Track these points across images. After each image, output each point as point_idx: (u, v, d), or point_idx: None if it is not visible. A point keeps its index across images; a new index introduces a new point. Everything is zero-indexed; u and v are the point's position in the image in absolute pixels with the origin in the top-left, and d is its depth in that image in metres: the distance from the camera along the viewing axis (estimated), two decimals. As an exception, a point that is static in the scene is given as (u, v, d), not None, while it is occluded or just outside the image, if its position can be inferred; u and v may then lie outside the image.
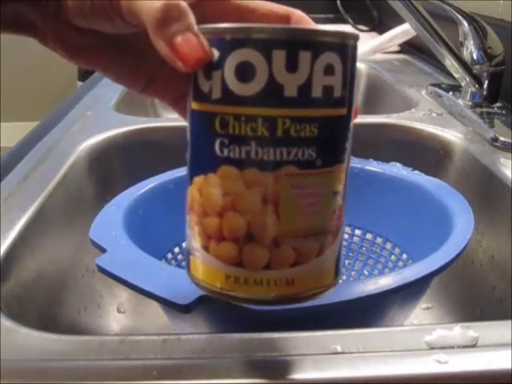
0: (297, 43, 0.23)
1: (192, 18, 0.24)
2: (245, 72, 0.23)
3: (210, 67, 0.24)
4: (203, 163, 0.25)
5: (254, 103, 0.24)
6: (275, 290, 0.25)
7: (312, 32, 0.24)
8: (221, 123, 0.24)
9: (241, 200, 0.24)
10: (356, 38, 0.25)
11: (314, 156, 0.24)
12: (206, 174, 0.25)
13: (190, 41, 0.24)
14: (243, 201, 0.24)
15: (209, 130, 0.24)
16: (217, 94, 0.24)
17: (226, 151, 0.24)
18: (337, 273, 0.27)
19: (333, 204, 0.26)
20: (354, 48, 0.25)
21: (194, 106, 0.25)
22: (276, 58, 0.23)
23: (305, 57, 0.23)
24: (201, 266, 0.26)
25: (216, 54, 0.24)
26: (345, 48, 0.25)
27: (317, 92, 0.24)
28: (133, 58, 0.29)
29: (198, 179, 0.25)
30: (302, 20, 0.28)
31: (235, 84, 0.24)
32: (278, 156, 0.24)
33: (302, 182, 0.24)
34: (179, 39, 0.24)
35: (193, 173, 0.26)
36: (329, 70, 0.24)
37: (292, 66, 0.23)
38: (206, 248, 0.26)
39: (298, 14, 0.28)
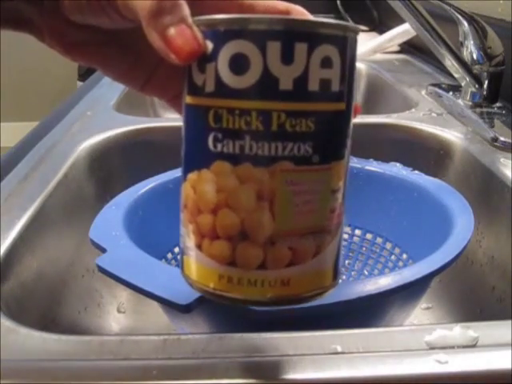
0: (292, 34, 0.23)
1: (186, 10, 0.24)
2: (239, 64, 0.23)
3: (204, 60, 0.23)
4: (197, 159, 0.25)
5: (248, 96, 0.23)
6: (270, 290, 0.25)
7: (308, 23, 0.24)
8: (214, 117, 0.23)
9: (234, 197, 0.24)
10: (356, 30, 0.25)
11: (311, 152, 0.24)
12: (199, 170, 0.24)
13: (184, 33, 0.23)
14: (237, 197, 0.24)
15: (202, 124, 0.24)
16: (210, 87, 0.23)
17: (219, 146, 0.24)
18: (336, 274, 0.27)
19: (331, 202, 0.25)
20: (354, 41, 0.25)
21: (188, 100, 0.25)
22: (271, 50, 0.22)
23: (301, 48, 0.23)
24: (194, 266, 0.26)
25: (210, 46, 0.23)
26: (343, 40, 0.24)
27: (313, 85, 0.23)
28: (131, 55, 0.29)
29: (192, 175, 0.25)
30: (303, 16, 0.27)
31: (229, 77, 0.23)
32: (272, 151, 0.23)
33: (298, 178, 0.24)
34: (172, 31, 0.23)
35: (186, 169, 0.25)
36: (326, 62, 0.23)
37: (287, 58, 0.23)
38: (199, 247, 0.25)
39: (298, 9, 0.27)
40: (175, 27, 0.23)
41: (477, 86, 0.67)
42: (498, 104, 0.67)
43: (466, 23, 0.64)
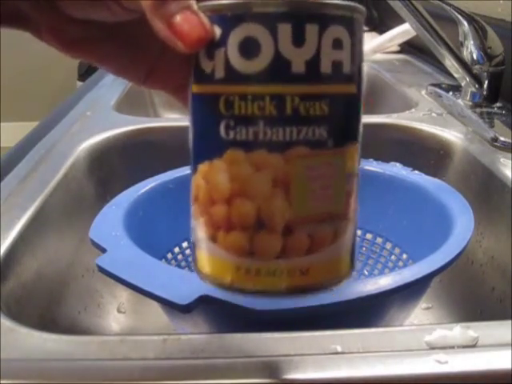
0: (303, 16, 0.22)
1: None
2: (249, 48, 0.22)
3: (212, 46, 0.23)
4: (208, 149, 0.24)
5: (260, 81, 0.22)
6: (289, 280, 0.24)
7: (318, 4, 0.23)
8: (225, 104, 0.23)
9: (249, 185, 0.23)
10: (362, 12, 0.24)
11: (326, 135, 0.23)
12: (211, 160, 0.24)
13: (190, 19, 0.23)
14: (252, 185, 0.23)
15: (213, 112, 0.23)
16: (220, 73, 0.23)
17: (232, 133, 0.23)
18: (352, 262, 0.26)
19: (347, 186, 0.25)
20: (361, 22, 0.24)
21: (196, 88, 0.24)
22: (281, 32, 0.22)
23: (312, 30, 0.22)
24: (208, 260, 0.25)
25: (218, 31, 0.23)
26: (352, 21, 0.24)
27: (326, 67, 0.23)
28: (131, 49, 0.29)
29: (203, 166, 0.24)
30: None
31: (239, 61, 0.22)
32: (287, 136, 0.23)
33: (313, 163, 0.23)
34: (178, 18, 0.23)
35: (197, 160, 0.25)
36: (337, 44, 0.23)
37: (299, 40, 0.22)
38: (213, 239, 0.24)
39: None
40: (180, 14, 0.23)
41: (477, 85, 0.67)
42: (498, 104, 0.67)
43: (466, 23, 0.64)
